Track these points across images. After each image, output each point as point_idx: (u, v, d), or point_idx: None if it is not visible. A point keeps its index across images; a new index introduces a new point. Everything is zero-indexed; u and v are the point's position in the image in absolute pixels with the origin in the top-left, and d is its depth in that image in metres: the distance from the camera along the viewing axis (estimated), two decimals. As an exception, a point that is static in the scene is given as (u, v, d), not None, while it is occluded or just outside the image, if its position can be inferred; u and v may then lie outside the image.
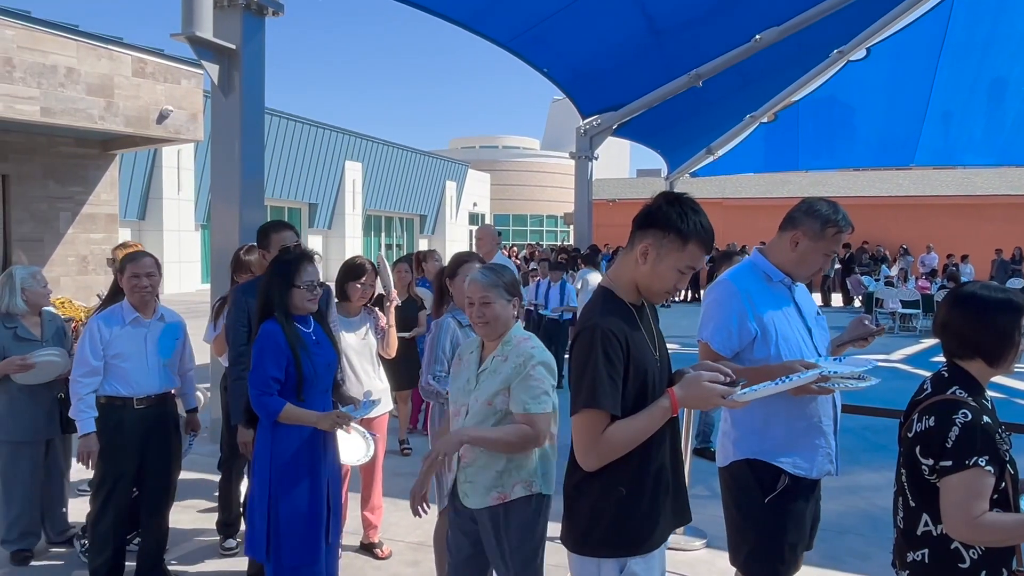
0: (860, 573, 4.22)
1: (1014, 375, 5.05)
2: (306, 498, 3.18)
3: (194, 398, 4.17)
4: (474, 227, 29.38)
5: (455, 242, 39.67)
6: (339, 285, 4.30)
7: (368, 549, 4.41)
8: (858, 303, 19.52)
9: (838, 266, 21.08)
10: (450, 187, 40.51)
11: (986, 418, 2.02)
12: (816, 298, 3.44)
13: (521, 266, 18.26)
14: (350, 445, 3.41)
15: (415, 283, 6.84)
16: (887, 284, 17.39)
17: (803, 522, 2.73)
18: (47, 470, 4.34)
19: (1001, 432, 2.05)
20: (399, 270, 6.49)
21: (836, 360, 2.73)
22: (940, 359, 2.23)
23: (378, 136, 33.85)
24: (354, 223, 32.32)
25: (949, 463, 2.00)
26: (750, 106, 12.97)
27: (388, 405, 4.46)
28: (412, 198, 37.46)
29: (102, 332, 3.67)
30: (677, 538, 4.42)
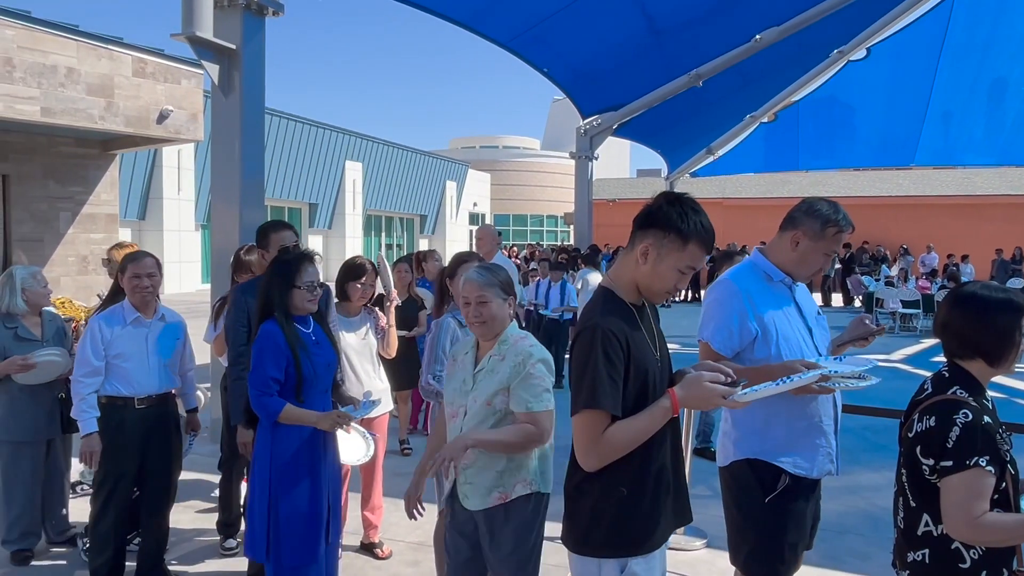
0: (860, 573, 4.21)
1: (1014, 375, 5.05)
2: (306, 498, 3.18)
3: (194, 398, 4.17)
4: (474, 227, 29.42)
5: (455, 242, 39.67)
6: (339, 285, 4.30)
7: (368, 549, 4.41)
8: (858, 303, 19.52)
9: (838, 266, 21.07)
10: (450, 187, 40.50)
11: (987, 418, 2.02)
12: (816, 298, 3.44)
13: (521, 266, 18.22)
14: (350, 445, 3.40)
15: (415, 283, 6.84)
16: (887, 284, 17.39)
17: (803, 522, 2.73)
18: (48, 470, 4.34)
19: (1002, 432, 2.05)
20: (399, 270, 6.49)
21: (837, 360, 2.73)
22: (940, 359, 2.23)
23: (378, 136, 33.90)
24: (354, 223, 32.32)
25: (950, 463, 2.00)
26: (750, 106, 12.98)
27: (388, 405, 4.46)
28: (412, 198, 37.46)
29: (103, 332, 3.67)
30: (678, 538, 4.43)
